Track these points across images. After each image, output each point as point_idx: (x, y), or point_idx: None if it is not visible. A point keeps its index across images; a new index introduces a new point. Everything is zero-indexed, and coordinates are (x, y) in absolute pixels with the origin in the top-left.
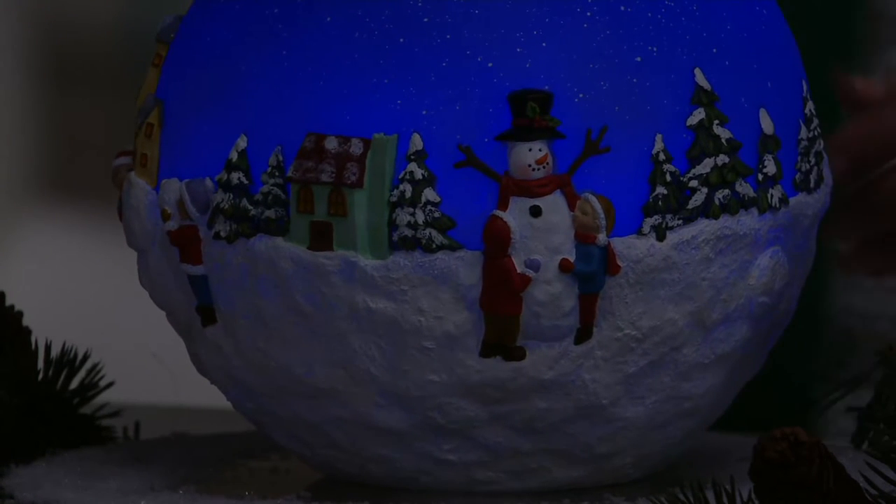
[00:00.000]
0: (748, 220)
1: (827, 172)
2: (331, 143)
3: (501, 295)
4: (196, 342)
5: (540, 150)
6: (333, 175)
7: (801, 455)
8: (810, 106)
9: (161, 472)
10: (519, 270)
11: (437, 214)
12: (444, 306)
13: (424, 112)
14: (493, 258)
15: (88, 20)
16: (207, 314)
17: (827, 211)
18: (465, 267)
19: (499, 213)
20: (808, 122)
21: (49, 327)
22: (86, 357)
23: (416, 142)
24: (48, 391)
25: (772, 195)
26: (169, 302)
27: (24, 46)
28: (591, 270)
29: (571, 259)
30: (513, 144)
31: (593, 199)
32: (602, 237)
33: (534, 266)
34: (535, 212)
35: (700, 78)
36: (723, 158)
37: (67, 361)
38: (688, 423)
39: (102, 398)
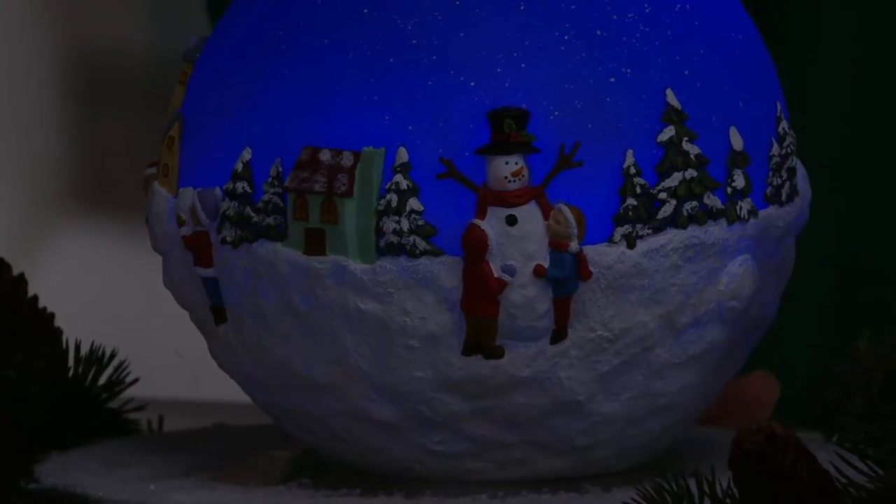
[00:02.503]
0: (716, 230)
1: (802, 186)
2: (324, 156)
3: (480, 298)
4: (212, 340)
5: (516, 163)
6: (326, 185)
7: (776, 447)
8: (784, 125)
9: (181, 460)
10: (496, 275)
11: (420, 222)
12: (427, 308)
13: (410, 127)
14: (471, 263)
15: (119, 44)
16: (219, 314)
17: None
18: (447, 271)
19: (477, 221)
20: (781, 139)
21: (79, 328)
22: (113, 355)
23: (402, 155)
24: (78, 387)
25: (741, 207)
26: (188, 302)
27: (60, 68)
28: (564, 276)
29: (545, 265)
30: (491, 158)
31: (566, 209)
32: (574, 245)
33: (509, 271)
34: (511, 220)
35: (671, 98)
36: (691, 172)
37: (96, 359)
38: (666, 419)
39: (128, 393)
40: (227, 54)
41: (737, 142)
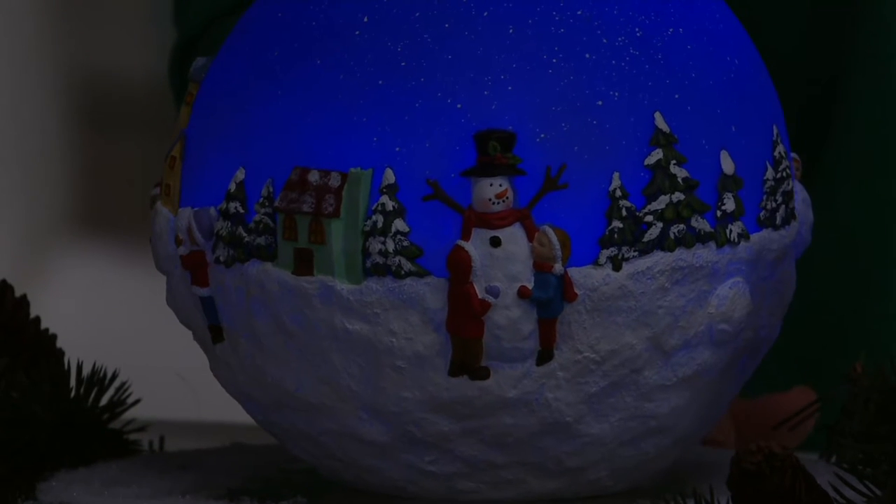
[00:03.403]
0: (705, 253)
1: (801, 210)
2: (313, 177)
3: (464, 319)
4: (212, 359)
5: (500, 185)
6: (313, 206)
7: (775, 467)
8: (780, 149)
9: (186, 480)
10: (480, 296)
11: (405, 243)
12: (413, 328)
13: (398, 149)
14: (456, 284)
15: (121, 69)
16: (216, 333)
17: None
18: (432, 292)
19: (461, 243)
20: (776, 163)
21: (80, 349)
22: (114, 376)
23: (389, 176)
24: (80, 408)
25: (731, 230)
26: (190, 321)
27: (62, 93)
28: (548, 297)
29: (530, 286)
30: (476, 180)
31: (550, 231)
32: (558, 266)
33: (493, 292)
34: (495, 242)
35: (660, 121)
36: (678, 196)
37: (97, 380)
38: (660, 441)
39: (130, 414)
40: (227, 75)
41: (728, 165)
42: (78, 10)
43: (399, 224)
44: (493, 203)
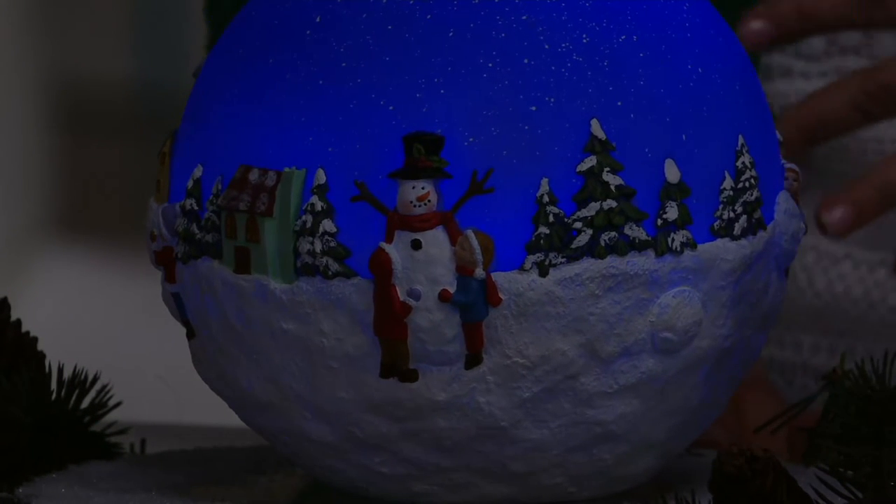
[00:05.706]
0: (641, 261)
1: (781, 220)
2: (253, 175)
3: (387, 320)
4: (192, 355)
5: (423, 188)
6: (249, 204)
7: (756, 470)
8: (745, 159)
9: (155, 482)
10: (401, 298)
11: (333, 244)
12: (342, 329)
13: (330, 149)
14: (379, 286)
15: (102, 74)
16: (189, 328)
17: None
18: (358, 293)
19: (383, 245)
20: (738, 173)
21: (62, 351)
22: (95, 379)
23: (320, 176)
24: (61, 410)
25: (672, 239)
26: (178, 317)
27: (43, 97)
28: (469, 301)
29: (452, 290)
30: (400, 182)
31: (471, 235)
32: (479, 271)
33: (414, 295)
34: (416, 245)
35: (595, 128)
36: (610, 203)
37: (78, 383)
38: (615, 448)
39: (111, 417)
40: (207, 73)
41: (672, 174)
42: (56, 14)
43: (327, 224)
44: (415, 206)
